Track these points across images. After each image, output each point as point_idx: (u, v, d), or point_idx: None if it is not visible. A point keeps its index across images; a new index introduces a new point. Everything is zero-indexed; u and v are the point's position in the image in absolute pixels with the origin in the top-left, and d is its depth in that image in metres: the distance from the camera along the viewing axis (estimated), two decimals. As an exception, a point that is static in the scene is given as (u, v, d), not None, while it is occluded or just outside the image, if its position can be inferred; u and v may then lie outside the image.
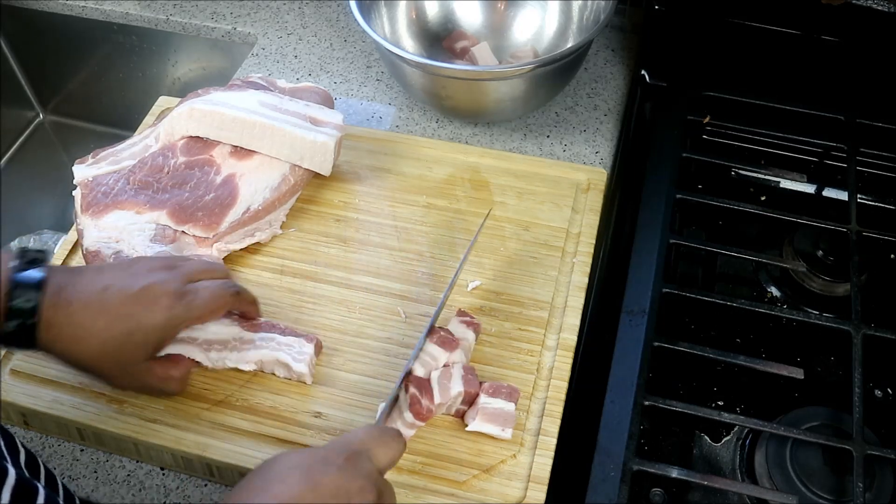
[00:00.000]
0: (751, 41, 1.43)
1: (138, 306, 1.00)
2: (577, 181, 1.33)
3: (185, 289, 1.04)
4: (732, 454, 1.14)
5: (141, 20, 1.75)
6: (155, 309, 1.00)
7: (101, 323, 0.98)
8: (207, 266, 1.11)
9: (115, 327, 0.98)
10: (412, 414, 1.04)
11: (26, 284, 0.95)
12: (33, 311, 0.94)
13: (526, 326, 1.17)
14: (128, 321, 0.99)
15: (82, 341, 0.98)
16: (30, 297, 0.94)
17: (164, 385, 1.06)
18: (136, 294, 1.00)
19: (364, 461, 0.85)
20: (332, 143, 1.27)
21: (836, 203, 1.39)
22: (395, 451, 0.89)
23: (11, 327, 0.94)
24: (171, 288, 1.02)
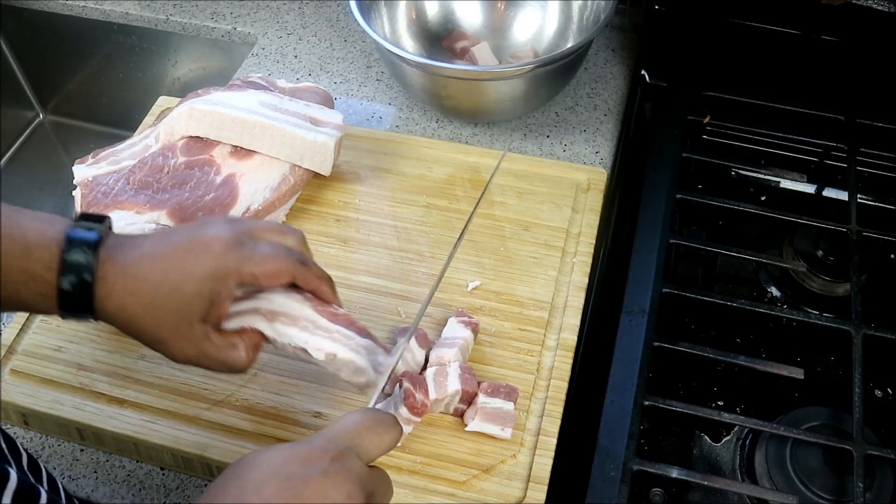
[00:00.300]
0: (751, 41, 1.43)
1: (190, 255, 0.93)
2: (577, 181, 1.33)
3: (243, 239, 0.95)
4: (732, 454, 1.14)
5: (141, 20, 1.75)
6: (206, 256, 0.93)
7: (152, 273, 0.91)
8: (278, 227, 1.01)
9: (166, 277, 0.91)
10: (406, 408, 1.03)
11: (82, 240, 0.89)
12: (88, 266, 0.88)
13: (526, 326, 1.17)
14: (178, 271, 0.92)
15: (135, 293, 0.91)
16: (85, 252, 0.89)
17: (225, 355, 0.96)
18: (189, 243, 0.94)
19: (351, 460, 0.79)
20: (332, 143, 1.27)
21: (836, 203, 1.39)
22: (388, 440, 0.83)
23: (67, 285, 0.88)
24: (225, 235, 0.94)
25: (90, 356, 1.15)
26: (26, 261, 0.87)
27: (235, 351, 0.96)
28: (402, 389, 1.04)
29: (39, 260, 0.88)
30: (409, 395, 1.03)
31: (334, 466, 0.77)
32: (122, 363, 1.14)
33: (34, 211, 0.91)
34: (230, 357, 0.96)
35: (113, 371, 1.14)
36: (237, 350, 0.96)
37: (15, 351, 1.16)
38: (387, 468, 1.02)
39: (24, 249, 0.87)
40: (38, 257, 0.87)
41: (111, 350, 1.15)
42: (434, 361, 1.10)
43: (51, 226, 0.89)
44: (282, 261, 0.96)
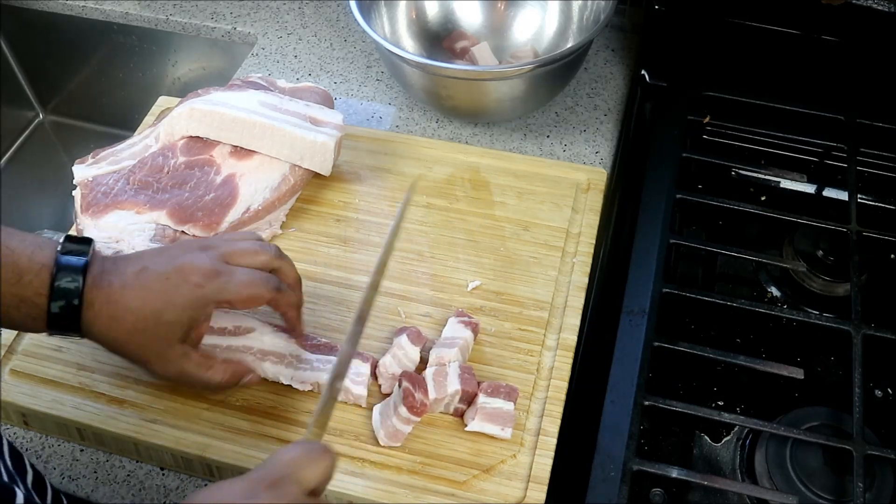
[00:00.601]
0: (751, 41, 1.43)
1: (169, 284, 0.99)
2: (577, 181, 1.33)
3: (220, 268, 1.02)
4: (732, 454, 1.14)
5: (141, 20, 1.75)
6: (185, 286, 0.99)
7: (135, 302, 0.98)
8: (253, 247, 1.07)
9: (147, 305, 0.98)
10: (406, 408, 1.03)
11: (71, 267, 0.96)
12: (78, 292, 0.95)
13: (526, 326, 1.17)
14: (159, 298, 0.99)
15: (118, 320, 0.98)
16: (74, 278, 0.95)
17: (201, 375, 1.04)
18: (169, 273, 1.00)
19: (289, 486, 0.80)
20: (332, 143, 1.28)
21: (836, 203, 1.39)
22: (323, 468, 0.83)
23: (56, 308, 0.95)
24: (204, 265, 1.01)
25: (90, 356, 1.15)
26: (18, 286, 0.94)
27: (211, 371, 1.04)
28: (401, 389, 1.04)
29: (30, 285, 0.95)
30: (409, 394, 1.03)
31: (270, 493, 0.79)
32: (122, 363, 1.13)
33: (22, 233, 0.96)
34: (205, 376, 1.04)
35: (113, 371, 1.14)
36: (213, 371, 1.05)
37: (15, 351, 1.16)
38: (387, 468, 1.04)
39: (15, 275, 0.94)
40: (29, 282, 0.95)
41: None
42: (434, 361, 1.10)
43: (40, 250, 0.96)
44: (256, 288, 1.03)
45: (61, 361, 1.15)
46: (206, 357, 1.05)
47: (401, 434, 1.05)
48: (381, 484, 1.03)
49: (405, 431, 1.06)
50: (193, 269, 1.00)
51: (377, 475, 1.04)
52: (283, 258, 1.09)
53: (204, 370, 1.04)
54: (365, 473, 1.04)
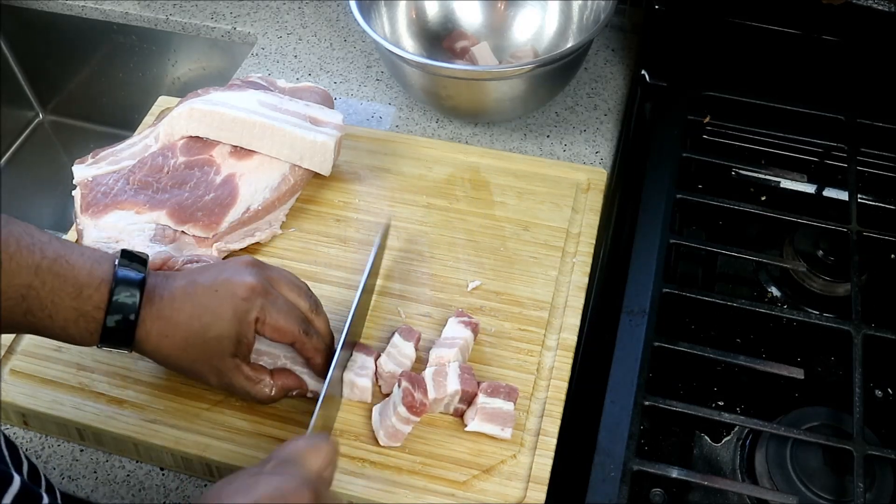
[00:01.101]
0: (751, 41, 1.42)
1: (216, 297, 1.01)
2: (577, 181, 1.33)
3: (266, 288, 1.04)
4: (732, 454, 1.14)
5: (141, 20, 1.75)
6: (231, 299, 1.01)
7: (184, 316, 1.00)
8: (296, 283, 1.09)
9: (195, 320, 1.00)
10: (405, 407, 1.03)
11: (129, 281, 0.97)
12: (134, 308, 0.97)
13: (526, 326, 1.17)
14: (207, 313, 1.00)
15: (169, 335, 1.00)
16: (132, 293, 0.97)
17: (253, 389, 1.05)
18: (216, 285, 1.02)
19: (295, 467, 0.83)
20: (331, 143, 1.28)
21: (836, 203, 1.39)
22: (326, 455, 0.86)
23: (112, 323, 0.96)
24: (250, 281, 1.02)
25: (90, 356, 1.15)
26: (78, 300, 0.95)
27: (260, 385, 1.06)
28: (400, 389, 1.04)
29: (90, 299, 0.96)
30: (408, 394, 1.03)
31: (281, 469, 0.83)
32: (121, 363, 1.14)
33: (79, 245, 0.99)
34: (254, 389, 1.05)
35: (113, 371, 1.14)
36: (261, 385, 1.06)
37: (14, 351, 1.16)
38: (386, 468, 1.04)
39: (75, 288, 0.95)
40: (89, 296, 0.95)
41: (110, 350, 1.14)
42: (434, 361, 1.10)
43: (99, 265, 0.97)
44: (292, 323, 1.05)
45: (61, 361, 1.15)
46: (256, 370, 1.06)
47: (401, 434, 1.05)
48: (381, 484, 1.03)
49: (405, 431, 1.06)
50: (240, 284, 1.02)
51: (377, 475, 1.04)
52: (321, 311, 1.11)
53: (253, 384, 1.05)
54: (365, 473, 1.04)
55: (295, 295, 1.07)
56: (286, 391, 1.08)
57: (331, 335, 1.11)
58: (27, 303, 0.93)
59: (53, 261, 0.93)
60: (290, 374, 1.09)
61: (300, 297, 1.08)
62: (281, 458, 0.84)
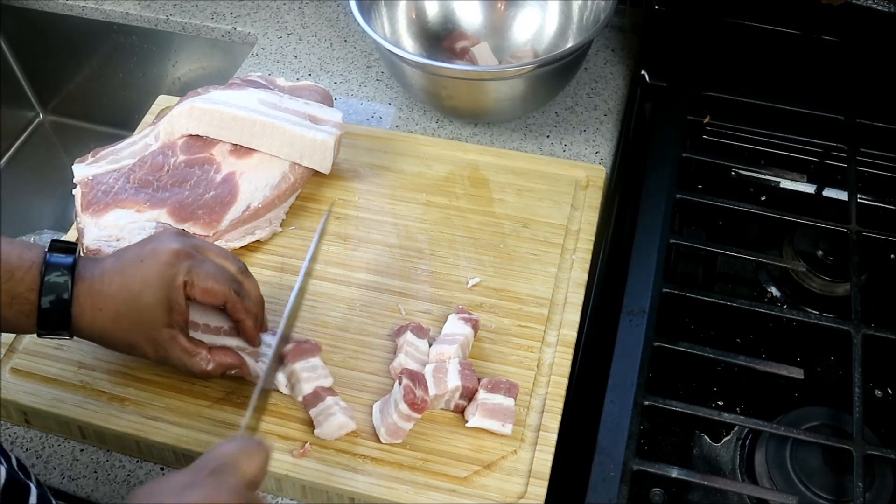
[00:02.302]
0: (751, 41, 1.43)
1: (143, 266, 1.02)
2: (576, 178, 1.34)
3: (191, 252, 1.05)
4: (732, 454, 1.14)
5: (141, 20, 1.75)
6: (156, 266, 1.02)
7: (114, 288, 1.01)
8: (223, 250, 1.11)
9: (125, 290, 1.01)
10: (407, 405, 1.03)
11: (59, 264, 1.00)
12: (67, 287, 0.99)
13: (526, 323, 1.17)
14: (136, 281, 1.02)
15: (102, 310, 1.01)
16: (63, 273, 0.99)
17: (189, 361, 1.06)
18: (143, 255, 1.04)
19: (228, 475, 0.83)
20: (331, 141, 1.28)
21: (836, 203, 1.39)
22: (259, 461, 0.85)
23: (47, 304, 0.99)
24: (175, 247, 1.04)
25: (91, 354, 1.15)
26: (10, 283, 0.98)
27: (196, 358, 1.06)
28: (402, 386, 1.04)
29: (22, 281, 0.99)
30: (409, 391, 1.03)
31: (213, 479, 0.82)
32: (122, 361, 1.14)
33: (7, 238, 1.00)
34: (190, 362, 1.06)
35: (114, 369, 1.14)
36: (199, 358, 1.06)
37: (16, 349, 1.16)
38: (387, 465, 1.04)
39: (7, 272, 0.98)
40: (21, 279, 0.99)
41: (112, 348, 1.15)
42: (434, 358, 1.10)
43: (29, 251, 1.01)
44: (221, 283, 1.06)
45: (62, 360, 1.15)
46: (193, 343, 1.06)
47: (402, 431, 1.05)
48: (382, 480, 1.03)
49: (406, 428, 1.06)
50: (164, 250, 1.03)
51: (378, 471, 1.04)
52: (249, 275, 1.11)
53: (190, 356, 1.06)
54: (366, 470, 1.04)
55: (222, 258, 1.09)
56: (224, 368, 1.09)
57: (261, 299, 1.12)
58: None
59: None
60: (231, 352, 1.09)
61: (227, 260, 1.09)
62: (214, 463, 0.84)
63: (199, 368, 1.06)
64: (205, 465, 0.83)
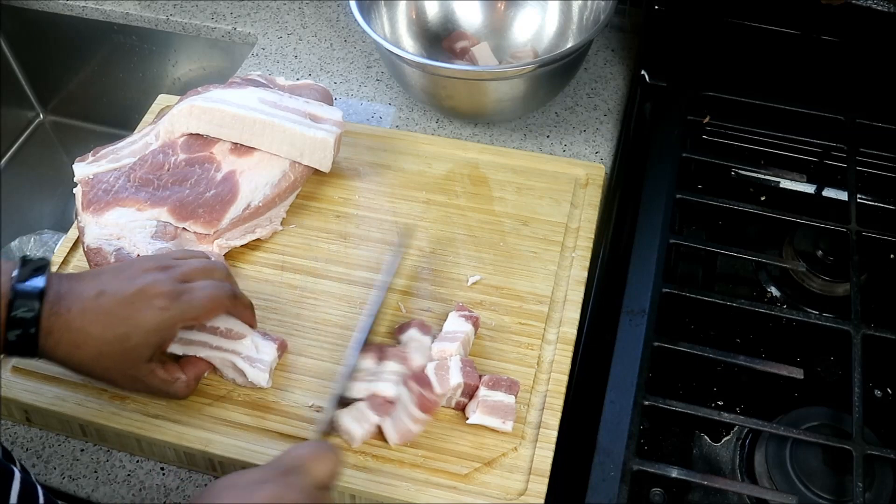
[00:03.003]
0: (751, 41, 1.43)
1: (133, 309, 0.99)
2: (576, 176, 1.34)
3: (181, 288, 1.02)
4: (732, 454, 1.14)
5: (141, 20, 1.75)
6: (150, 311, 0.99)
7: (97, 328, 0.97)
8: (205, 265, 1.09)
9: (111, 331, 0.98)
10: (419, 409, 1.04)
11: (28, 294, 0.95)
12: (34, 321, 0.94)
13: (526, 320, 1.17)
14: (124, 324, 0.98)
15: (81, 347, 0.97)
16: (31, 307, 0.94)
17: (167, 387, 1.06)
18: (130, 297, 0.99)
19: (300, 477, 0.85)
20: (331, 140, 1.28)
21: (836, 203, 1.39)
22: (331, 465, 0.88)
23: (13, 337, 0.94)
24: (165, 288, 1.01)
25: (91, 352, 1.15)
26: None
27: (178, 383, 1.07)
28: (413, 393, 1.04)
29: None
30: (420, 397, 1.04)
31: (284, 479, 0.84)
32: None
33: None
34: (171, 389, 1.07)
35: (114, 367, 1.14)
36: (179, 382, 1.07)
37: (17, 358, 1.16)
38: (388, 462, 1.04)
39: None
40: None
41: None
42: (436, 355, 1.10)
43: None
44: (217, 301, 1.05)
45: (63, 358, 1.15)
46: (169, 370, 1.06)
47: (413, 434, 1.06)
48: (383, 477, 1.03)
49: (417, 431, 1.06)
50: (156, 293, 1.00)
51: (379, 469, 1.04)
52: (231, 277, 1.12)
53: (169, 384, 1.06)
54: (367, 467, 1.04)
55: (205, 274, 1.07)
56: (199, 379, 1.10)
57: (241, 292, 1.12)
58: None
59: None
60: (199, 360, 1.09)
61: (213, 271, 1.08)
62: (286, 465, 0.85)
63: (181, 392, 1.08)
64: (279, 465, 0.86)
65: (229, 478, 0.85)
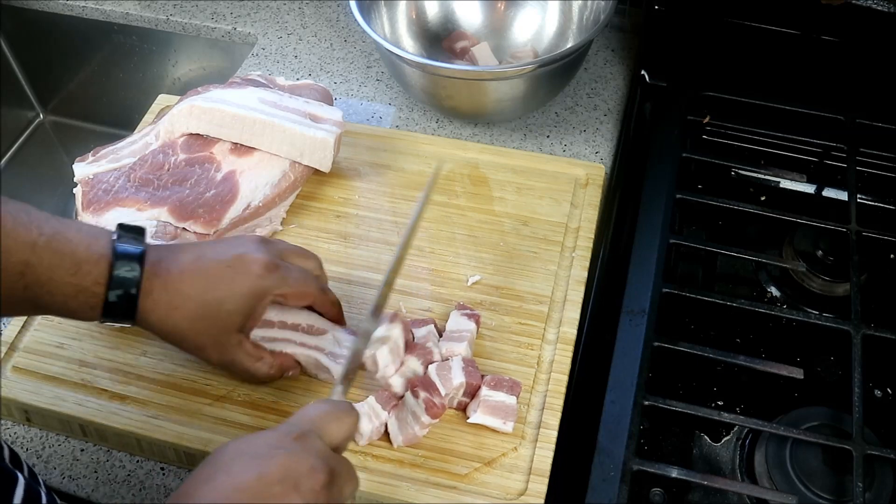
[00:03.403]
0: (751, 41, 1.42)
1: (231, 272, 1.02)
2: (576, 176, 1.34)
3: (278, 262, 1.05)
4: (732, 454, 1.14)
5: (141, 20, 1.75)
6: (247, 276, 1.02)
7: (196, 289, 1.00)
8: (303, 251, 1.12)
9: (209, 293, 1.01)
10: (430, 416, 1.04)
11: (129, 255, 0.97)
12: (135, 281, 0.97)
13: (526, 320, 1.17)
14: (221, 287, 1.01)
15: (179, 308, 1.00)
16: (132, 267, 0.97)
17: (253, 366, 1.07)
18: (230, 261, 1.03)
19: (314, 440, 0.83)
20: (331, 140, 1.28)
21: (836, 203, 1.39)
22: (348, 426, 0.87)
23: (114, 298, 0.96)
24: (264, 258, 1.04)
25: (92, 352, 1.15)
26: (76, 276, 0.94)
27: (261, 363, 1.07)
28: (420, 400, 1.04)
29: (89, 274, 0.95)
30: (430, 403, 1.04)
31: (297, 444, 0.82)
32: (123, 359, 1.15)
33: (76, 221, 0.99)
34: (254, 367, 1.07)
35: (115, 367, 1.14)
36: (262, 363, 1.08)
37: (17, 348, 1.16)
38: (389, 462, 1.05)
39: (74, 265, 0.94)
40: (88, 272, 0.95)
41: (113, 346, 1.15)
42: (444, 355, 1.11)
43: (97, 240, 0.96)
44: (309, 286, 1.08)
45: (63, 358, 1.15)
46: (257, 348, 1.08)
47: (419, 438, 1.06)
48: (383, 477, 1.03)
49: (422, 435, 1.06)
50: (254, 260, 1.03)
51: (379, 468, 1.04)
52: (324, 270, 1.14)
53: (254, 360, 1.07)
54: (367, 467, 1.04)
55: (303, 259, 1.11)
56: (284, 371, 1.10)
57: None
58: (25, 279, 0.92)
59: (51, 237, 0.93)
60: (287, 356, 1.10)
61: (308, 259, 1.11)
62: (300, 427, 0.84)
63: (263, 372, 1.08)
64: (293, 427, 0.84)
65: (238, 443, 0.83)
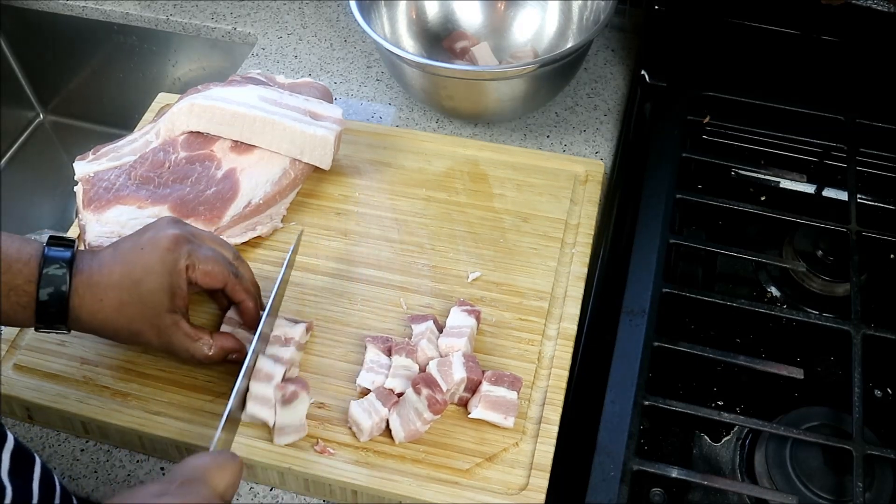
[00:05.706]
0: (751, 41, 1.43)
1: (143, 253, 1.04)
2: (576, 173, 1.34)
3: (189, 237, 1.07)
4: (732, 454, 1.14)
5: (141, 20, 1.75)
6: (157, 250, 1.04)
7: (116, 277, 1.03)
8: (216, 237, 1.14)
9: (128, 277, 1.03)
10: (432, 412, 1.04)
11: (57, 257, 1.01)
12: (65, 279, 1.00)
13: (526, 316, 1.18)
14: (137, 268, 1.04)
15: (104, 300, 1.02)
16: (61, 265, 1.01)
17: (192, 345, 1.07)
18: (143, 243, 1.06)
19: (199, 486, 0.82)
20: (331, 137, 1.28)
21: (836, 203, 1.39)
22: (230, 474, 0.85)
23: (45, 296, 1.00)
24: (173, 232, 1.06)
25: (93, 350, 1.15)
26: (8, 274, 0.99)
27: (199, 343, 1.08)
28: (422, 397, 1.04)
29: (20, 273, 1.00)
30: (433, 401, 1.04)
31: (182, 489, 0.82)
32: (125, 357, 1.15)
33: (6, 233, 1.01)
34: (192, 347, 1.08)
35: (116, 364, 1.14)
36: (200, 343, 1.08)
37: (18, 346, 1.16)
38: (390, 458, 1.05)
39: (5, 264, 0.99)
40: (19, 271, 1.00)
41: (114, 344, 1.15)
42: (443, 350, 1.11)
43: (27, 244, 1.02)
44: (219, 265, 1.09)
45: (65, 356, 1.15)
46: (196, 329, 1.08)
47: (420, 434, 1.06)
48: (384, 473, 1.03)
49: (424, 430, 1.06)
50: (164, 237, 1.06)
51: (381, 464, 1.04)
52: (242, 260, 1.15)
53: (192, 341, 1.07)
54: (369, 462, 1.04)
55: (217, 244, 1.12)
56: (226, 353, 1.10)
57: (256, 281, 1.15)
58: None
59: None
60: (231, 336, 1.12)
61: (222, 246, 1.12)
62: (186, 476, 0.83)
63: (202, 353, 1.08)
64: (178, 476, 0.83)
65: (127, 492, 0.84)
